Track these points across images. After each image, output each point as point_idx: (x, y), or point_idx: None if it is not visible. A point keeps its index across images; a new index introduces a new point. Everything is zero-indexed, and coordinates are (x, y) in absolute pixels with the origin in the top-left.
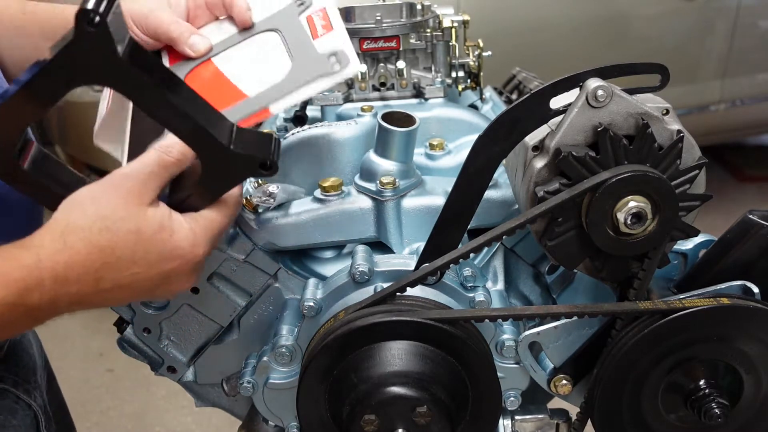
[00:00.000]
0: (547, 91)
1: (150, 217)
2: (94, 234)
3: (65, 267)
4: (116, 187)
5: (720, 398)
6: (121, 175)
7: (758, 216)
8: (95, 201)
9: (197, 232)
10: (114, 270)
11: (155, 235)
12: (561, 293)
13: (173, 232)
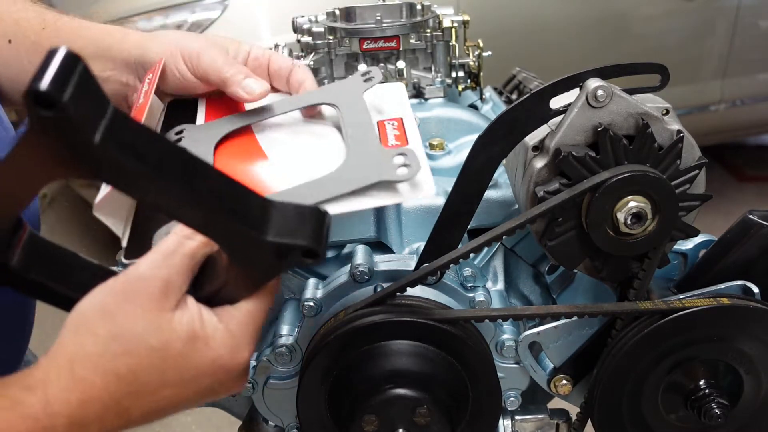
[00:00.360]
0: (547, 91)
1: (177, 326)
2: (109, 360)
3: (80, 406)
4: (133, 294)
5: (720, 398)
6: (136, 277)
7: (758, 216)
8: (107, 316)
9: (236, 333)
10: (141, 398)
11: (187, 348)
12: (561, 293)
13: (208, 340)
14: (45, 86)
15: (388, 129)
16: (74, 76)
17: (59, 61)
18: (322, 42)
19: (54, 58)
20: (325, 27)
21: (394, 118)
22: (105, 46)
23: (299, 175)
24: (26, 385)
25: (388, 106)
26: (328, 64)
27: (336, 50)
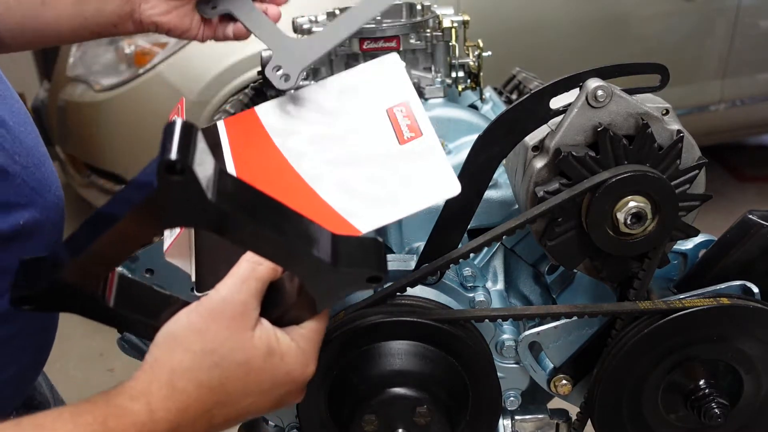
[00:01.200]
0: (547, 91)
1: (257, 342)
2: (204, 373)
3: (177, 413)
4: (218, 315)
5: (720, 398)
6: (219, 300)
7: (758, 216)
8: (199, 335)
9: (306, 349)
10: (226, 406)
11: (266, 363)
12: (561, 293)
13: (283, 356)
14: (174, 155)
15: (398, 117)
16: (193, 143)
17: (179, 131)
18: None
19: (175, 129)
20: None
21: (402, 103)
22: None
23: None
24: (131, 396)
25: (390, 85)
26: (328, 65)
27: (336, 50)
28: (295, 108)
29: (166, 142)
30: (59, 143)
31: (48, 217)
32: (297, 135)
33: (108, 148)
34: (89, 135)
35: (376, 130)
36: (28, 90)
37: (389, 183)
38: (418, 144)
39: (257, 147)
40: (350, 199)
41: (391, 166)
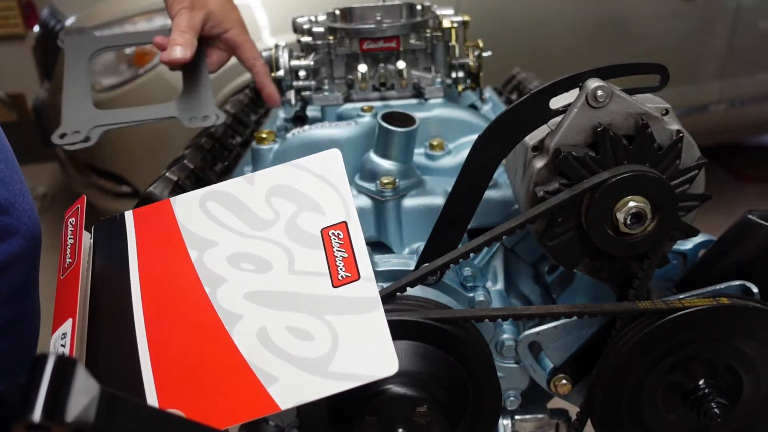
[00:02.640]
0: (546, 91)
1: None
2: None
3: None
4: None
5: (719, 398)
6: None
7: (758, 216)
8: None
9: None
10: None
11: None
12: (561, 293)
13: None
14: (38, 417)
15: (334, 245)
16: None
17: (49, 375)
18: (322, 42)
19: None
20: (325, 27)
21: (339, 225)
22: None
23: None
24: None
25: (327, 194)
26: (328, 65)
27: (336, 50)
28: (216, 206)
29: (29, 390)
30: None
31: (28, 247)
32: (215, 249)
33: (108, 148)
34: None
35: (307, 259)
36: (29, 90)
37: (318, 344)
38: (354, 290)
39: (168, 257)
40: (271, 359)
41: (321, 317)
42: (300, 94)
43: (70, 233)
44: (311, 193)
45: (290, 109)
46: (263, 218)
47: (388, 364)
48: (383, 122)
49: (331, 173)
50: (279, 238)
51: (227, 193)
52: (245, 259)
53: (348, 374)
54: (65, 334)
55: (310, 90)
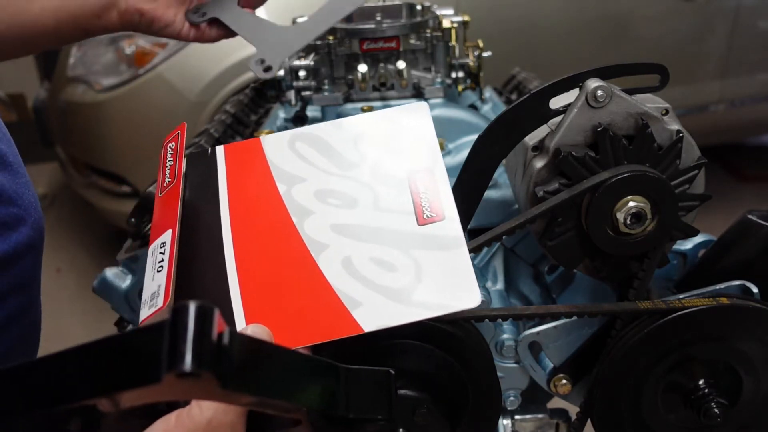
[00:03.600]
0: (546, 91)
1: None
2: None
3: None
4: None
5: (719, 398)
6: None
7: (758, 216)
8: None
9: None
10: None
11: None
12: (561, 293)
13: None
14: (189, 367)
15: (420, 188)
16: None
17: (193, 326)
18: (322, 42)
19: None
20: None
21: (425, 169)
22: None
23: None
24: None
25: (415, 142)
26: (328, 65)
27: (336, 50)
28: (304, 147)
29: (175, 337)
30: (59, 143)
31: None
32: (303, 184)
33: (108, 148)
34: (89, 135)
35: (393, 198)
36: (29, 90)
37: (402, 275)
38: (439, 229)
39: (257, 189)
40: (356, 285)
41: (405, 251)
42: (300, 94)
43: (169, 156)
44: (398, 140)
45: (290, 109)
46: (350, 159)
47: (472, 297)
48: None
49: (418, 124)
50: (365, 179)
51: (315, 135)
52: (332, 195)
53: (431, 303)
54: (164, 243)
55: (310, 90)
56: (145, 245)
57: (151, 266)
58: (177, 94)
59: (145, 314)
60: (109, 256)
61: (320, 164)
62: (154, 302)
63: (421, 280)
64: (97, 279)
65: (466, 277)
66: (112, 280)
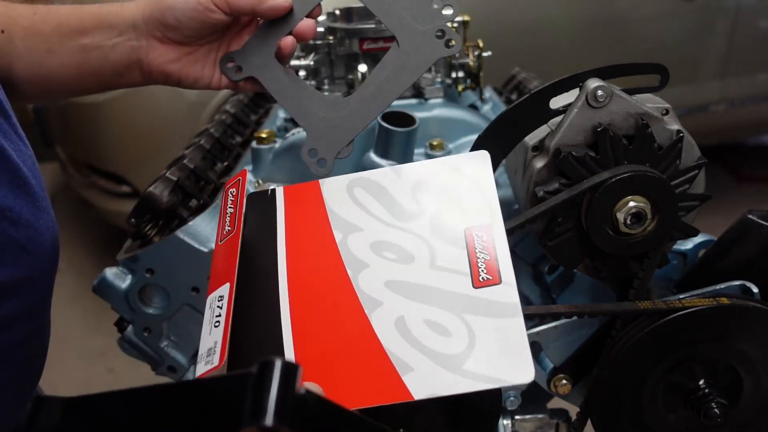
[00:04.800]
0: (546, 91)
1: None
2: None
3: None
4: None
5: (719, 398)
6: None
7: (758, 216)
8: None
9: None
10: None
11: None
12: (561, 293)
13: None
14: (271, 421)
15: (477, 247)
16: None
17: (278, 382)
18: (322, 42)
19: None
20: (325, 27)
21: (484, 227)
22: (104, 15)
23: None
24: None
25: (473, 196)
26: (328, 65)
27: (336, 50)
28: (362, 193)
29: (258, 391)
30: (60, 143)
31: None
32: (359, 234)
33: (108, 148)
34: (89, 135)
35: (448, 257)
36: None
37: (455, 341)
38: (495, 294)
39: (314, 235)
40: (408, 348)
41: (459, 315)
42: None
43: (230, 203)
44: (458, 191)
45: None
46: (408, 210)
47: (525, 371)
48: (383, 122)
49: (478, 174)
50: (422, 232)
51: (374, 181)
52: (388, 248)
53: (482, 375)
54: (222, 296)
55: None
56: (146, 245)
57: (208, 319)
58: (177, 94)
59: (202, 370)
60: (109, 256)
61: (378, 213)
62: (211, 359)
63: (474, 349)
64: (97, 279)
65: (520, 350)
66: (112, 280)
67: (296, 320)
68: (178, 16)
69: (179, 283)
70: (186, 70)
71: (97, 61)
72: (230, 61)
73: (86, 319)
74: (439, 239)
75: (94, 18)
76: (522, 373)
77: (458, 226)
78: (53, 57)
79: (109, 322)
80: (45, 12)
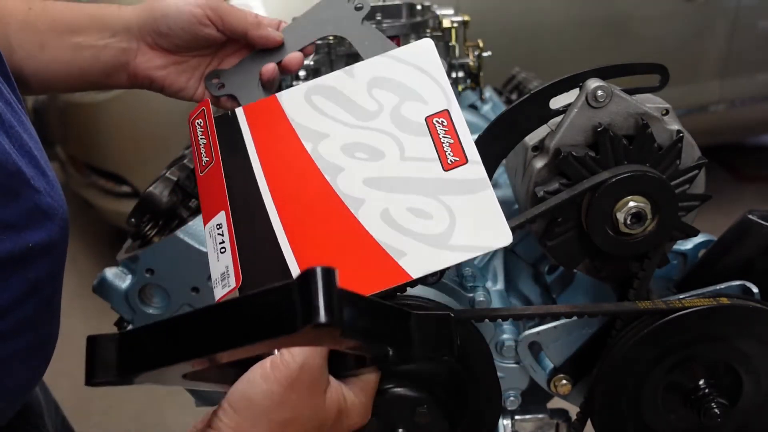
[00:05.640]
0: (546, 91)
1: (330, 405)
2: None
3: None
4: (297, 384)
5: (719, 398)
6: (297, 368)
7: (758, 216)
8: (279, 405)
9: (366, 402)
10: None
11: (336, 423)
12: (561, 293)
13: (349, 413)
14: (324, 318)
15: (439, 132)
16: (334, 292)
17: (322, 283)
18: (322, 42)
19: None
20: None
21: (442, 113)
22: (99, 16)
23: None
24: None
25: (426, 83)
26: (328, 65)
27: (336, 50)
28: (322, 101)
29: (308, 296)
30: (59, 143)
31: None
32: (328, 140)
33: (108, 148)
34: (89, 135)
35: (416, 146)
36: None
37: (438, 221)
38: (464, 173)
39: (285, 149)
40: (397, 235)
41: (437, 197)
42: None
43: (200, 134)
44: (410, 82)
45: None
46: (368, 109)
47: (504, 236)
48: None
49: (426, 62)
50: (386, 128)
51: (330, 86)
52: (358, 148)
53: (468, 246)
54: (220, 224)
55: None
56: (146, 245)
57: (212, 247)
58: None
59: (220, 293)
60: (109, 256)
61: (341, 117)
62: (227, 282)
63: (456, 225)
64: (97, 279)
65: (496, 219)
66: (112, 280)
67: (290, 232)
68: (170, 25)
69: (179, 283)
70: (171, 79)
71: (87, 60)
72: (216, 77)
73: (86, 319)
74: (403, 132)
75: (89, 17)
76: (501, 237)
77: (418, 116)
78: (45, 53)
79: (108, 322)
80: (41, 7)
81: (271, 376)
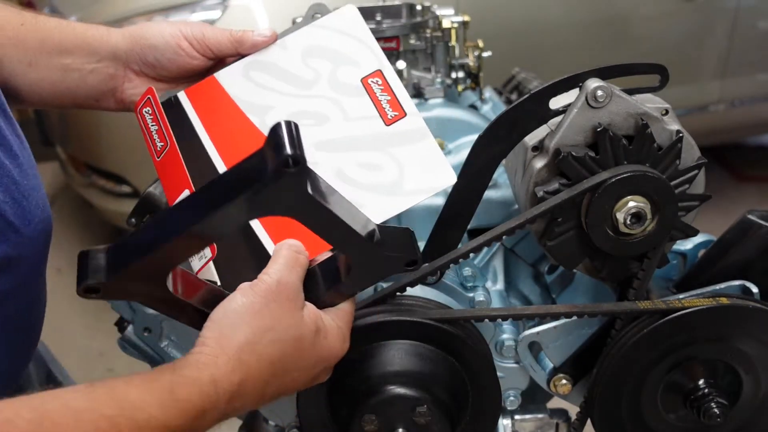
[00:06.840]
0: (546, 92)
1: (308, 321)
2: (265, 347)
3: (239, 385)
4: (275, 296)
5: (719, 398)
6: (274, 283)
7: (758, 216)
8: (259, 313)
9: (343, 328)
10: (279, 378)
11: (315, 339)
12: (561, 293)
13: (327, 334)
14: (290, 150)
15: (376, 91)
16: (299, 140)
17: (286, 130)
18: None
19: (282, 128)
20: None
21: (375, 73)
22: (88, 39)
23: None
24: (198, 368)
25: (356, 47)
26: None
27: None
28: (260, 75)
29: (276, 139)
30: (59, 143)
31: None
32: (273, 112)
33: (108, 148)
34: (89, 135)
35: (356, 106)
36: None
37: (386, 171)
38: (404, 125)
39: (235, 127)
40: (353, 190)
41: (383, 150)
42: None
43: (150, 121)
44: (341, 48)
45: None
46: (305, 78)
47: (448, 175)
48: None
49: (352, 27)
50: (326, 93)
51: (266, 61)
52: (304, 116)
53: (419, 189)
54: None
55: None
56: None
57: None
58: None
59: (197, 266)
60: None
61: (281, 89)
62: (202, 254)
63: (404, 173)
64: None
65: (439, 162)
66: None
67: None
68: (158, 57)
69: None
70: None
71: (74, 82)
72: None
73: (86, 319)
74: (342, 95)
75: (78, 39)
76: (446, 177)
77: (354, 79)
78: (33, 71)
79: (109, 322)
80: (32, 24)
81: (250, 291)
